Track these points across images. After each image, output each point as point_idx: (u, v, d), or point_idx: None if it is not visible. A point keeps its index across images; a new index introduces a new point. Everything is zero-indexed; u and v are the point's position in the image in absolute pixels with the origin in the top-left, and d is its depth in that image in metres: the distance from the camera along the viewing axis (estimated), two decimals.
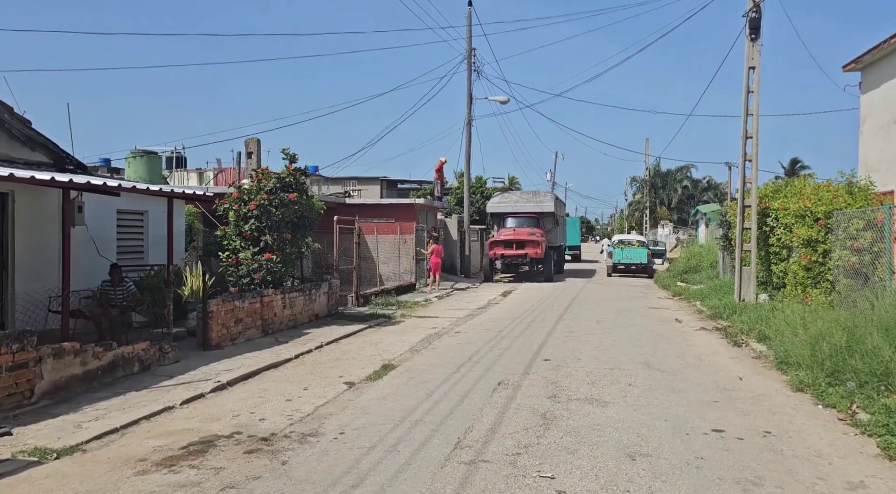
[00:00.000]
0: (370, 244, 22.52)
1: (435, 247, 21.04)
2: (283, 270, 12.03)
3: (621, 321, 14.02)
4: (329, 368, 8.85)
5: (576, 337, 11.70)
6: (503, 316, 14.94)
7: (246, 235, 11.80)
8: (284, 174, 12.11)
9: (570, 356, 9.76)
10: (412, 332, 12.25)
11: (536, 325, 13.22)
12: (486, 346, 10.61)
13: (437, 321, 13.98)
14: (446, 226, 27.43)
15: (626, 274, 29.48)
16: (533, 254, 24.90)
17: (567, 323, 13.52)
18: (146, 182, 16.26)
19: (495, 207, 28.15)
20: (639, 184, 54.63)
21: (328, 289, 14.29)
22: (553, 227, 28.26)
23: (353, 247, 16.43)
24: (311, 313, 13.42)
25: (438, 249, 21.17)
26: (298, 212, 12.29)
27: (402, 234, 21.93)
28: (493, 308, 16.75)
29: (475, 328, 12.91)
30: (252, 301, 10.92)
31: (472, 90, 27.23)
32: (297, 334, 11.58)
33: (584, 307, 16.81)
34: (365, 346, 10.70)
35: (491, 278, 25.89)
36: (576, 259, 44.56)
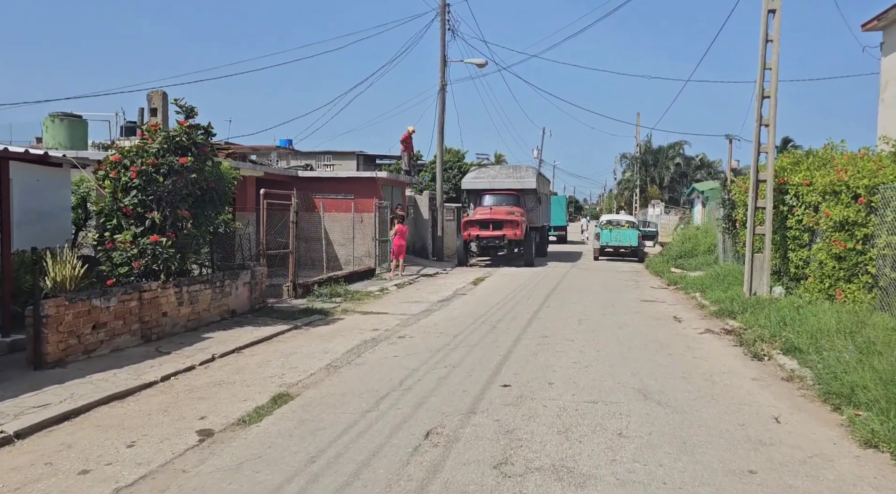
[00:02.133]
0: (326, 224, 19.87)
1: (399, 227, 18.40)
2: (179, 256, 9.35)
3: (609, 320, 11.50)
4: (196, 401, 6.24)
5: (550, 344, 9.16)
6: (467, 311, 12.38)
7: (127, 211, 9.09)
8: (176, 132, 9.36)
9: (540, 378, 7.21)
10: (344, 337, 9.66)
11: (504, 326, 10.66)
12: (430, 360, 8.04)
13: (383, 319, 11.39)
14: (416, 203, 24.78)
15: (615, 257, 27.03)
16: (511, 236, 22.34)
17: (542, 324, 10.98)
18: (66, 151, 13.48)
19: (471, 183, 25.48)
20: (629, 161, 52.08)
21: (250, 279, 11.63)
22: (535, 206, 25.67)
23: (290, 226, 13.74)
24: (225, 309, 10.78)
25: (403, 230, 18.55)
26: (200, 183, 9.58)
27: (359, 212, 19.24)
28: (458, 300, 14.18)
29: (427, 330, 10.33)
30: (124, 298, 8.26)
31: (445, 51, 24.40)
32: (191, 340, 8.96)
33: (566, 299, 14.29)
34: (270, 359, 8.10)
35: (465, 262, 23.33)
36: (561, 240, 42.09)
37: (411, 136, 24.14)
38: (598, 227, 27.29)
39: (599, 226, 27.16)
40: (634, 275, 20.31)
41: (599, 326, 10.84)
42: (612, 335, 10.04)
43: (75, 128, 18.27)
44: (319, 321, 11.07)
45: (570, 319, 11.53)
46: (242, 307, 11.36)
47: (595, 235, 26.71)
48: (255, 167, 18.26)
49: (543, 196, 28.04)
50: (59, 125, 18.55)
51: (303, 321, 10.88)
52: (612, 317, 11.79)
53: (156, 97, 11.56)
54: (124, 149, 9.21)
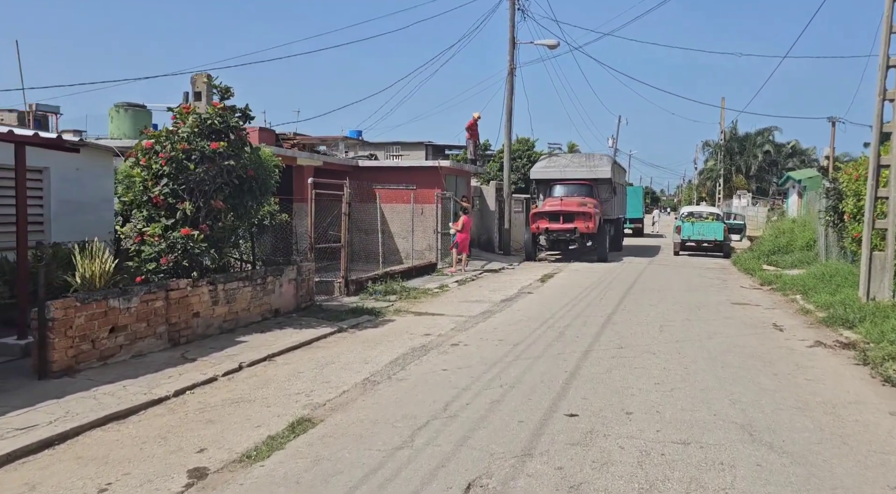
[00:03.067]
0: (386, 215, 18.99)
1: (464, 219, 17.25)
2: (213, 252, 8.56)
3: (696, 327, 9.98)
4: (204, 425, 5.32)
5: (627, 359, 7.81)
6: (531, 314, 11.11)
7: (157, 201, 8.35)
8: (208, 114, 8.53)
9: (615, 405, 5.92)
10: (390, 343, 8.62)
11: (572, 333, 9.35)
12: (483, 377, 6.87)
13: (437, 322, 10.30)
14: (482, 194, 23.57)
15: (698, 252, 24.95)
16: (583, 229, 20.78)
17: (617, 331, 9.59)
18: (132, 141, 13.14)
19: (541, 173, 24.01)
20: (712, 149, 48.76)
21: (296, 276, 10.78)
22: (610, 197, 23.95)
23: (342, 218, 12.84)
24: (267, 309, 9.96)
25: (466, 222, 17.39)
26: (237, 171, 8.74)
27: (420, 203, 18.23)
28: (523, 300, 12.91)
29: (484, 336, 9.16)
30: (148, 297, 7.50)
31: (515, 33, 22.99)
32: (223, 344, 8.14)
33: (644, 300, 12.77)
34: (302, 371, 7.14)
35: (533, 257, 21.95)
36: (638, 233, 39.85)
37: (477, 123, 22.91)
38: (678, 220, 25.26)
39: (680, 219, 25.12)
40: (721, 273, 18.40)
41: (685, 335, 9.36)
42: (700, 347, 8.56)
43: (139, 118, 18.11)
44: (367, 323, 10.09)
45: (649, 325, 10.08)
46: (287, 306, 10.53)
47: (675, 228, 24.72)
48: (312, 156, 17.56)
49: (619, 186, 26.24)
50: (124, 115, 18.44)
51: (349, 322, 9.94)
52: (700, 324, 10.25)
53: (199, 80, 10.82)
54: (156, 134, 8.47)
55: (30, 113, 23.56)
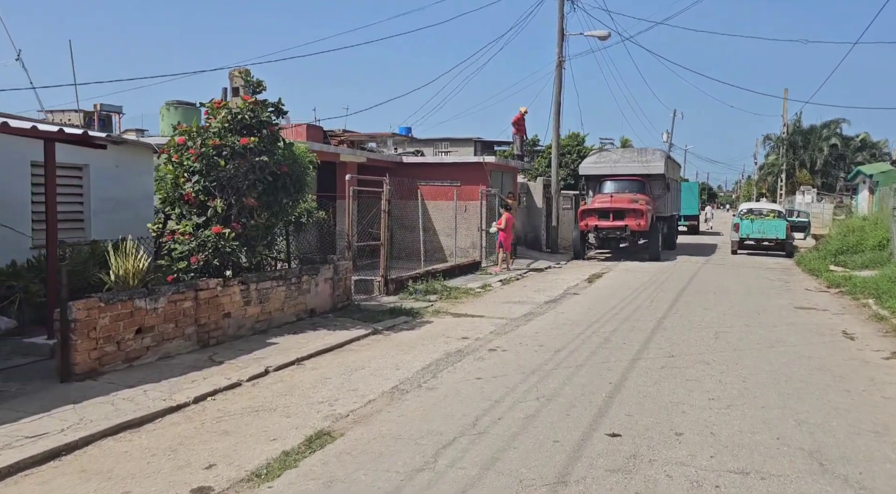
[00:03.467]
0: (431, 213, 18.66)
1: (506, 216, 16.74)
2: (245, 250, 8.35)
3: (755, 334, 9.24)
4: (218, 436, 5.04)
5: (678, 369, 7.20)
6: (576, 317, 10.54)
7: (189, 198, 8.18)
8: (239, 108, 8.30)
9: (663, 424, 5.37)
10: (425, 347, 8.23)
11: (619, 339, 8.77)
12: (520, 387, 6.40)
13: (476, 324, 9.86)
14: (529, 190, 22.98)
15: (757, 251, 23.72)
16: (635, 226, 19.96)
17: (667, 337, 8.95)
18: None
19: (590, 168, 23.23)
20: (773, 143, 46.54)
21: (332, 275, 10.52)
22: (663, 193, 22.99)
23: (381, 216, 12.53)
24: (302, 309, 9.72)
25: (509, 220, 16.87)
26: (270, 167, 8.50)
27: (463, 200, 17.81)
28: (568, 301, 12.34)
29: (524, 341, 8.67)
30: (176, 297, 7.31)
31: (564, 24, 22.28)
32: (253, 345, 7.91)
33: (698, 303, 12.01)
34: (330, 376, 6.82)
35: (581, 255, 21.24)
36: (693, 231, 38.43)
37: (524, 118, 22.35)
38: (736, 217, 24.05)
39: (738, 216, 23.91)
40: (783, 274, 17.33)
41: (743, 343, 8.65)
42: (761, 357, 7.86)
43: (189, 115, 18.28)
44: (404, 324, 9.74)
45: (703, 331, 9.39)
46: (323, 306, 10.28)
47: (733, 226, 23.54)
48: (354, 152, 17.36)
49: (673, 182, 25.20)
50: (174, 113, 18.64)
51: (385, 324, 9.60)
52: (760, 331, 9.49)
53: (236, 75, 10.67)
54: (187, 129, 8.30)
55: (95, 113, 24.15)
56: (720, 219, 58.30)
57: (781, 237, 22.35)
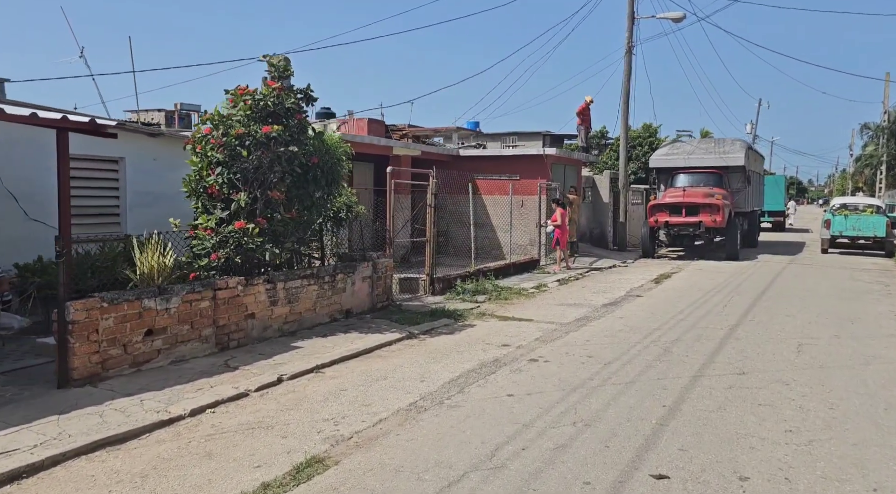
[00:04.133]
0: (488, 208, 17.89)
1: (559, 212, 15.72)
2: (270, 247, 7.84)
3: (847, 348, 7.98)
4: (199, 460, 4.47)
5: (748, 390, 6.15)
6: (635, 322, 9.52)
7: (213, 191, 7.75)
8: (262, 94, 7.77)
9: (723, 463, 4.41)
10: (460, 355, 7.48)
11: (681, 351, 7.73)
12: (555, 409, 5.56)
13: (522, 329, 9.02)
14: (595, 184, 21.76)
15: (851, 250, 21.61)
16: (710, 223, 18.46)
17: (739, 349, 7.84)
18: None
19: (662, 160, 21.76)
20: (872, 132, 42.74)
21: (371, 273, 9.92)
22: (743, 187, 21.27)
23: (427, 211, 11.84)
24: (337, 309, 9.17)
25: (565, 215, 15.84)
26: (299, 158, 7.96)
27: (521, 194, 16.90)
28: (629, 305, 11.28)
29: (571, 350, 7.77)
30: (191, 297, 6.87)
31: (634, 6, 20.89)
32: (276, 349, 7.39)
33: (779, 310, 10.70)
34: (346, 388, 6.18)
35: (651, 253, 19.89)
36: (778, 227, 35.87)
37: (589, 107, 21.13)
38: (828, 212, 21.97)
39: (830, 212, 21.83)
40: (882, 276, 15.51)
41: (832, 359, 7.44)
42: (853, 377, 6.67)
43: None
44: (444, 328, 9.02)
45: (783, 343, 8.20)
46: (360, 306, 9.70)
47: (823, 222, 21.51)
48: (408, 145, 16.77)
49: (754, 175, 23.33)
50: None
51: (423, 327, 8.91)
52: (852, 344, 8.21)
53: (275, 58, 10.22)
54: (212, 116, 7.84)
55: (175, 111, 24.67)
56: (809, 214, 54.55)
57: (880, 235, 20.21)
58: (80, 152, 8.82)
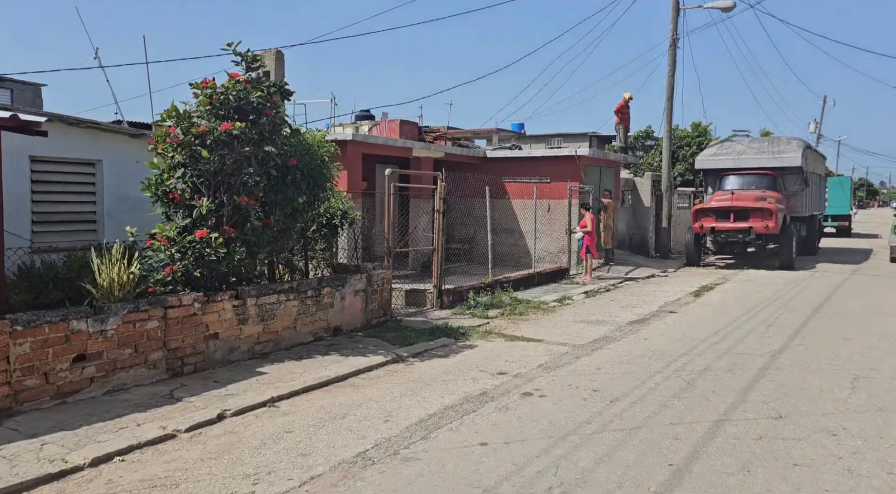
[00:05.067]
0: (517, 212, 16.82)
1: (589, 217, 14.51)
2: (240, 258, 7.03)
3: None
4: None
5: (783, 443, 4.94)
6: (662, 345, 8.31)
7: (175, 197, 6.99)
8: (224, 87, 6.94)
9: None
10: (445, 385, 6.48)
11: (707, 385, 6.52)
12: (532, 465, 4.50)
13: (528, 352, 7.94)
14: (635, 187, 20.37)
15: None
16: (761, 229, 16.88)
17: (780, 383, 6.56)
18: None
19: (710, 161, 20.20)
20: None
21: (365, 286, 9.02)
22: (800, 189, 19.52)
23: (434, 218, 10.85)
24: (323, 326, 8.31)
25: (594, 221, 14.62)
26: (273, 159, 7.14)
27: (551, 198, 15.77)
28: (660, 322, 10.03)
29: (576, 381, 6.66)
30: (134, 317, 6.10)
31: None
32: (235, 376, 6.56)
33: (835, 331, 9.28)
34: (294, 429, 5.27)
35: (696, 261, 18.38)
36: (843, 232, 33.43)
37: (628, 105, 19.75)
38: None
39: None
40: None
41: (894, 399, 6.10)
42: None
43: None
44: (440, 349, 8.03)
45: (834, 376, 6.88)
46: (352, 322, 8.82)
47: (893, 228, 19.51)
48: (428, 146, 15.85)
49: (814, 176, 21.45)
50: None
51: (415, 348, 7.95)
52: None
53: (268, 57, 9.48)
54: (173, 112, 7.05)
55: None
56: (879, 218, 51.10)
57: None
58: (52, 154, 8.26)
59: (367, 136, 13.51)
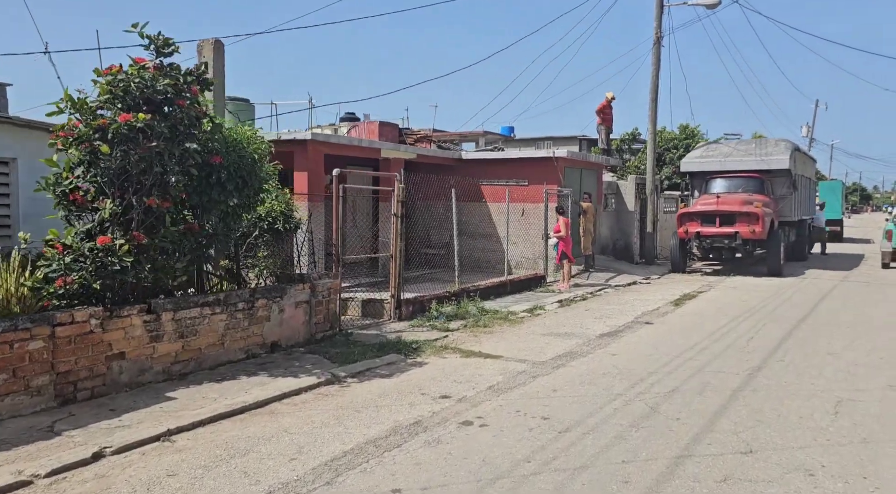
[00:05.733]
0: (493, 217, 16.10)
1: (562, 221, 13.79)
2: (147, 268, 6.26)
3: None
4: None
5: (750, 486, 4.18)
6: (629, 362, 7.55)
7: (76, 198, 6.22)
8: (125, 74, 6.16)
9: None
10: (377, 412, 5.71)
11: (673, 410, 5.77)
12: None
13: (481, 370, 7.18)
14: (619, 190, 19.66)
15: None
16: (748, 234, 16.17)
17: (754, 408, 5.81)
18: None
19: (695, 164, 19.51)
20: None
21: (309, 297, 8.25)
22: (788, 193, 18.83)
23: (392, 222, 10.07)
24: (257, 342, 7.53)
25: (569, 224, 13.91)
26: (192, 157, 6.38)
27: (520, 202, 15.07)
28: (633, 335, 9.28)
29: (526, 406, 5.90)
30: (11, 337, 5.31)
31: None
32: (141, 402, 5.78)
33: (820, 344, 8.56)
34: (179, 471, 4.49)
35: (681, 267, 17.65)
36: (834, 238, 32.70)
37: (610, 105, 19.06)
38: (890, 222, 19.26)
39: (893, 220, 19.12)
40: None
41: (881, 428, 5.37)
42: None
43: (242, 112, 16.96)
44: (384, 368, 7.26)
45: (816, 399, 6.14)
46: (293, 337, 8.04)
47: (884, 233, 18.82)
48: (397, 147, 15.11)
49: (803, 179, 20.77)
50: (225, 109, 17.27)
51: (356, 367, 7.18)
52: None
53: (206, 48, 8.73)
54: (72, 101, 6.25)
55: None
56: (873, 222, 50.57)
57: None
58: None
59: (329, 136, 12.76)
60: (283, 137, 12.42)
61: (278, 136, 12.48)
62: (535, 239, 15.02)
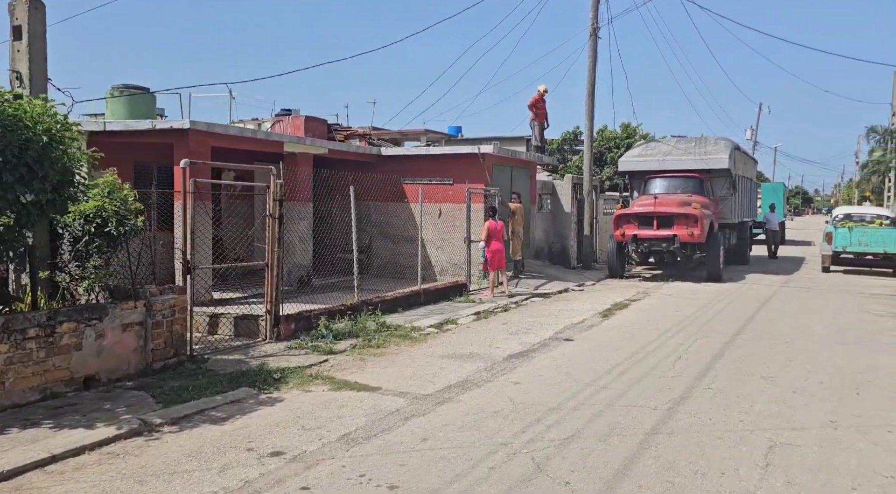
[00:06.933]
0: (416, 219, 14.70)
1: (489, 225, 12.53)
2: None
3: (848, 457, 4.67)
4: None
5: None
6: (530, 395, 6.24)
7: None
8: None
9: None
10: (167, 486, 4.23)
11: (565, 466, 4.46)
12: None
13: (348, 409, 5.76)
14: (555, 190, 18.54)
15: (858, 269, 18.28)
16: (686, 237, 15.18)
17: (665, 461, 4.55)
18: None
19: (633, 163, 18.53)
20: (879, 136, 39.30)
21: (143, 317, 6.68)
22: (728, 194, 18.01)
23: (267, 224, 8.54)
24: (63, 377, 5.94)
25: (494, 228, 12.64)
26: None
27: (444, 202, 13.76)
28: (546, 356, 8.00)
29: (378, 465, 4.51)
30: None
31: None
32: None
33: (755, 363, 7.43)
34: None
35: (618, 272, 16.58)
36: None
37: (543, 99, 17.92)
38: (830, 225, 18.64)
39: (832, 223, 18.49)
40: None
41: (821, 478, 4.15)
42: None
43: (138, 103, 15.08)
44: (222, 408, 5.78)
45: (744, 445, 4.92)
46: (119, 368, 6.47)
47: (825, 236, 18.17)
48: (302, 140, 13.60)
49: (744, 181, 20.06)
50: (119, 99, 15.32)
51: (185, 409, 5.68)
52: (859, 442, 4.93)
53: (20, 7, 7.07)
54: None
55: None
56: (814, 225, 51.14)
57: (891, 250, 16.87)
58: None
59: (215, 125, 11.15)
60: (159, 126, 10.79)
61: (153, 125, 10.86)
62: (460, 243, 13.68)
